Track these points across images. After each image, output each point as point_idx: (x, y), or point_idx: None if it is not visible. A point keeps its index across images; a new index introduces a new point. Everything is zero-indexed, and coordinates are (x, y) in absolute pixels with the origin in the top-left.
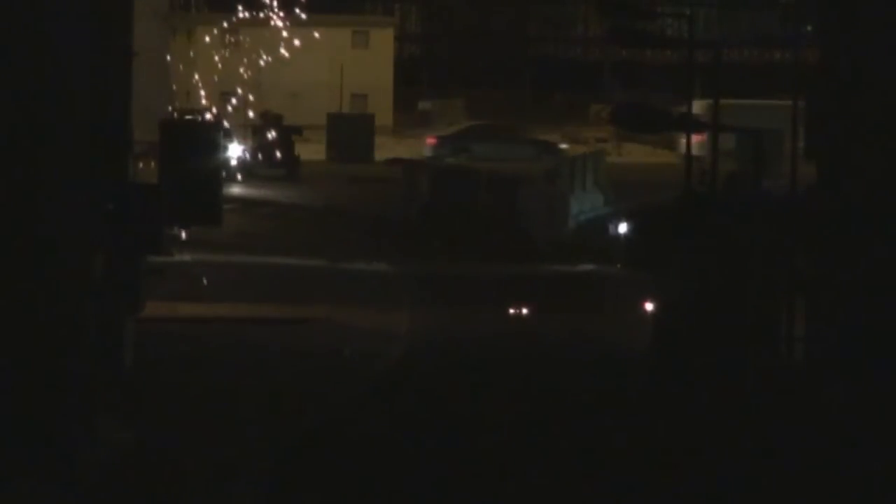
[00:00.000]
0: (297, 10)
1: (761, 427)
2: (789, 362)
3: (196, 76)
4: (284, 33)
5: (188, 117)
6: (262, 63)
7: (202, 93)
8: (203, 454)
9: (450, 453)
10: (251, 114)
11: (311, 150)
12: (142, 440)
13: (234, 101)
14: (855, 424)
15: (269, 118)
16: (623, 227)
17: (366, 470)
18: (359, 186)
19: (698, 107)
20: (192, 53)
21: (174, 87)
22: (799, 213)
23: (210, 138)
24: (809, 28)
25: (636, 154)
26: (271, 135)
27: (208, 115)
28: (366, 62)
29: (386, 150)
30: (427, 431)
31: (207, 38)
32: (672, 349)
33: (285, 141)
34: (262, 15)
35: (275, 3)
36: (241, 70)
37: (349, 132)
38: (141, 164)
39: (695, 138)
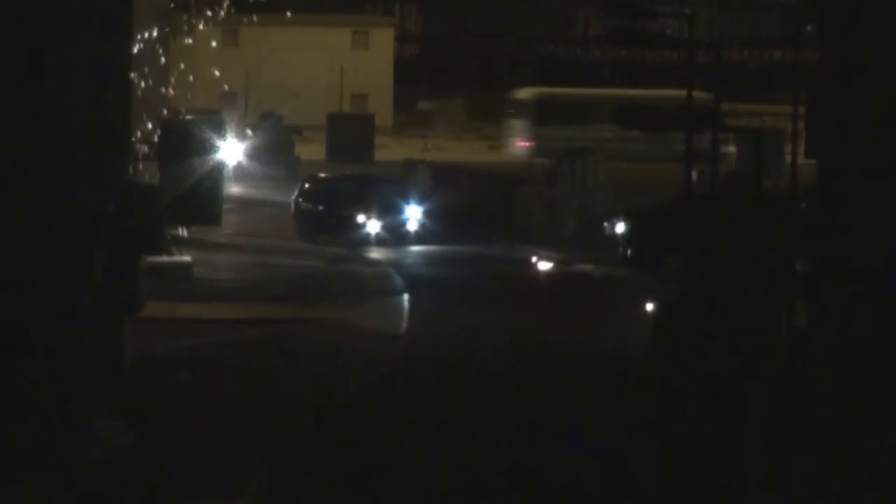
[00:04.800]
0: (298, 11)
1: (762, 426)
2: (789, 361)
3: (196, 76)
4: (284, 33)
5: (188, 117)
6: (261, 63)
7: (202, 93)
8: (202, 454)
9: (449, 453)
10: (250, 114)
11: (311, 150)
12: (141, 440)
13: (234, 101)
14: (855, 423)
15: (269, 118)
16: (621, 227)
17: (365, 470)
18: None
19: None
20: (191, 53)
21: (174, 87)
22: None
23: (210, 138)
24: (809, 28)
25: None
26: (271, 135)
27: (208, 116)
28: (366, 62)
29: (386, 150)
30: (427, 431)
31: (207, 38)
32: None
33: (285, 141)
34: (261, 15)
35: (275, 3)
36: (241, 70)
37: (349, 132)
38: (141, 164)
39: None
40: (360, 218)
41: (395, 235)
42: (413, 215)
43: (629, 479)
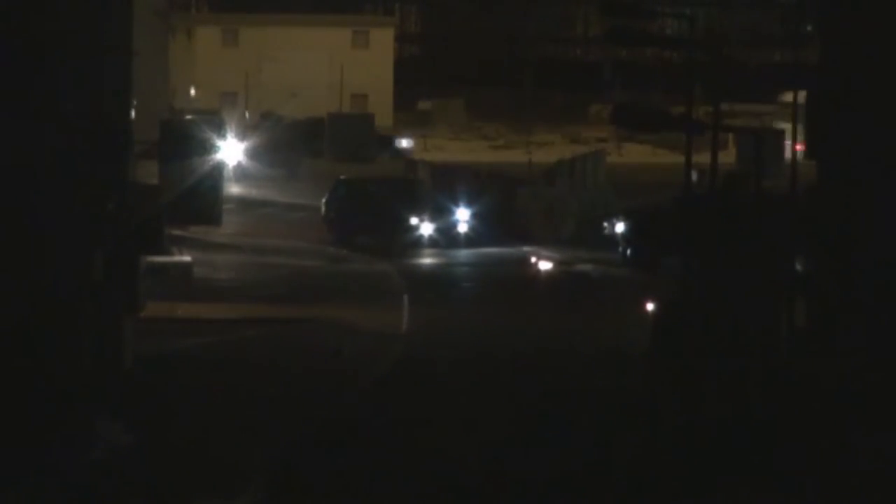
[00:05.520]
0: (298, 11)
1: (763, 426)
2: (789, 361)
3: (196, 76)
4: (284, 33)
5: (188, 117)
6: (261, 63)
7: (201, 93)
8: (203, 454)
9: (448, 454)
10: (250, 114)
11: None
12: (141, 440)
13: (234, 101)
14: (853, 422)
15: (269, 118)
16: (620, 226)
17: (365, 470)
18: None
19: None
20: (191, 53)
21: (174, 87)
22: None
23: (210, 138)
24: (809, 28)
25: (636, 154)
26: (271, 135)
27: (208, 116)
28: (366, 62)
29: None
30: (427, 431)
31: (207, 38)
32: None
33: (285, 141)
34: (261, 15)
35: (275, 3)
36: (241, 70)
37: (349, 132)
38: (139, 164)
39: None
40: (414, 220)
41: (448, 237)
42: (462, 217)
43: (629, 477)
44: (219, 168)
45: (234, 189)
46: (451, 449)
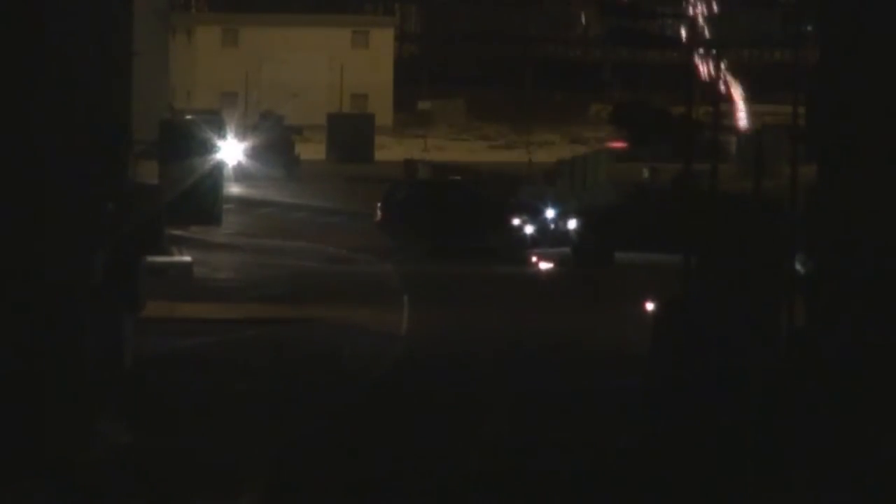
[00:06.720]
0: (298, 11)
1: (760, 427)
2: (788, 362)
3: (196, 76)
4: (284, 33)
5: (189, 117)
6: (261, 63)
7: (202, 93)
8: (202, 454)
9: (448, 454)
10: (250, 114)
11: (311, 150)
12: (141, 440)
13: (234, 101)
14: (852, 424)
15: (269, 118)
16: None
17: (364, 470)
18: (359, 186)
19: None
20: (192, 53)
21: (174, 87)
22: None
23: (210, 138)
24: (809, 28)
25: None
26: (271, 135)
27: (208, 116)
28: (366, 62)
29: (386, 151)
30: (426, 431)
31: (207, 38)
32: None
33: (285, 141)
34: (261, 15)
35: (275, 3)
36: (241, 70)
37: (349, 132)
38: (139, 164)
39: None
40: (516, 221)
41: (546, 237)
42: (550, 216)
43: (629, 477)
44: (219, 168)
45: (234, 189)
46: (451, 449)
